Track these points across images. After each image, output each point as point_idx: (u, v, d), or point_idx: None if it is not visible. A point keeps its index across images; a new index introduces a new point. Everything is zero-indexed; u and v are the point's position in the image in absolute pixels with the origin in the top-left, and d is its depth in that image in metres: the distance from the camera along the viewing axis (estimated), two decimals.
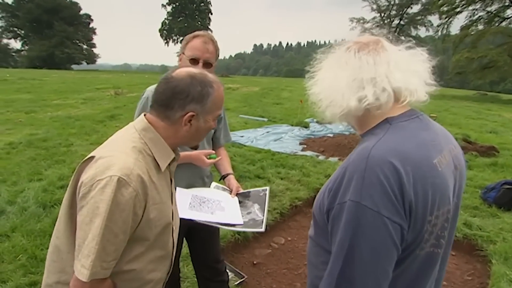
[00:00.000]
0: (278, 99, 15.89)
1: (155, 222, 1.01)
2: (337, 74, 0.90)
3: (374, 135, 0.86)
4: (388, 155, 0.77)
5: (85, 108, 10.48)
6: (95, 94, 14.14)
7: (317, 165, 5.52)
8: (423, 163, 0.80)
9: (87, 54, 56.64)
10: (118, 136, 1.07)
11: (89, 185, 0.92)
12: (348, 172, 0.80)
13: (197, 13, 55.24)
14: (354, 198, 0.76)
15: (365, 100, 0.85)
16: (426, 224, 0.79)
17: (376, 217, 0.74)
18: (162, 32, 55.35)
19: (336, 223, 0.80)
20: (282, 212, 3.78)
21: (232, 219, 1.66)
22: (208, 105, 1.06)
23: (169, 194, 1.12)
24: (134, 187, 0.92)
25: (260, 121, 9.75)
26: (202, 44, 1.70)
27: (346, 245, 0.76)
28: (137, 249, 1.01)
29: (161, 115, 1.05)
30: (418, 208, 0.77)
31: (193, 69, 1.08)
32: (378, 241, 0.75)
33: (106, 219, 0.89)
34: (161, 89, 1.05)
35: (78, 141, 6.39)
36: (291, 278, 2.82)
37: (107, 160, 0.94)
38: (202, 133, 1.12)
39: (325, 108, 0.94)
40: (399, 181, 0.75)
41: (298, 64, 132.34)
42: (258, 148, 6.54)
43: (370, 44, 0.90)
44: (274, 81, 34.20)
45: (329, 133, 8.13)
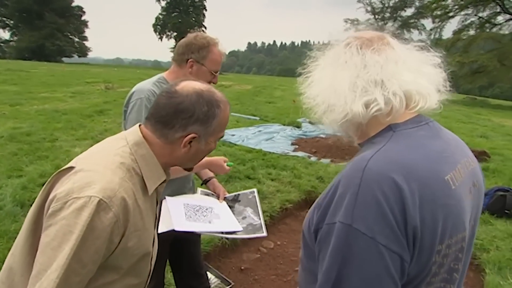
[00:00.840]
0: (270, 98, 15.79)
1: (132, 251, 0.88)
2: (336, 74, 0.77)
3: (374, 144, 0.73)
4: (388, 169, 0.64)
5: (74, 102, 10.19)
6: (85, 88, 13.82)
7: (308, 166, 5.42)
8: (432, 180, 0.67)
9: (78, 47, 55.72)
10: (106, 147, 0.94)
11: (62, 201, 0.78)
12: (341, 187, 0.67)
13: (192, 9, 54.87)
14: (345, 219, 0.63)
15: (373, 105, 0.72)
16: (435, 255, 0.66)
17: (370, 244, 0.61)
18: (156, 27, 54.88)
19: (323, 246, 0.67)
20: (272, 215, 3.68)
21: (231, 226, 1.56)
22: (212, 127, 0.96)
23: (153, 219, 1.01)
24: (115, 212, 0.80)
25: (252, 119, 9.63)
26: (221, 56, 1.64)
27: (332, 275, 0.64)
28: (107, 277, 0.88)
29: (157, 132, 0.93)
30: (425, 236, 0.63)
31: (200, 85, 0.96)
32: (371, 273, 0.61)
33: (76, 247, 0.75)
34: (162, 103, 0.93)
35: (64, 136, 6.17)
36: (280, 285, 2.72)
37: (88, 175, 0.82)
38: (200, 155, 1.02)
39: (322, 114, 0.81)
40: (401, 201, 0.62)
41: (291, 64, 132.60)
42: (249, 147, 6.41)
43: (374, 40, 0.77)
44: (267, 79, 34.12)
45: (322, 134, 8.04)
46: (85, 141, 5.90)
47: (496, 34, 27.61)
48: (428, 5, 31.23)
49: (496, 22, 28.53)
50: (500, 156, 6.84)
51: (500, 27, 28.33)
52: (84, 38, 57.43)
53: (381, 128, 0.76)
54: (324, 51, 0.84)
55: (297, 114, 9.57)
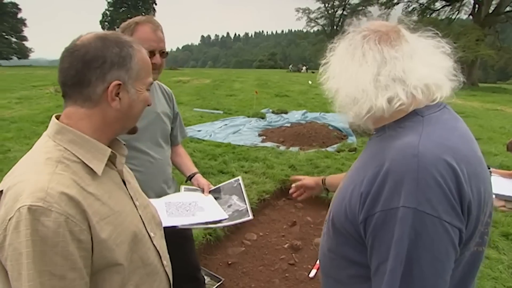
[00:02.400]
0: (230, 90, 15.72)
1: (113, 240, 0.80)
2: (357, 69, 0.79)
3: (405, 129, 0.77)
4: (439, 152, 0.69)
5: (21, 108, 9.43)
6: (32, 93, 12.80)
7: (279, 156, 5.51)
8: (472, 158, 0.73)
9: (17, 48, 51.26)
10: (30, 153, 0.83)
11: (2, 230, 0.70)
12: (393, 174, 0.70)
13: (141, 3, 52.73)
14: (409, 204, 0.67)
15: (396, 100, 0.76)
16: (479, 224, 0.73)
17: (437, 223, 0.66)
18: (103, 23, 52.09)
19: (382, 233, 0.70)
20: (251, 207, 3.70)
21: (216, 215, 1.56)
22: (134, 70, 0.85)
23: (126, 198, 0.92)
24: (58, 210, 0.70)
25: (216, 113, 9.56)
26: (153, 32, 1.50)
27: (403, 258, 0.67)
28: (113, 278, 0.82)
29: (78, 99, 0.82)
30: (473, 208, 0.70)
31: (101, 31, 0.87)
32: (441, 249, 0.67)
33: (36, 265, 0.68)
34: (66, 64, 0.82)
35: (17, 146, 5.71)
36: (268, 275, 2.77)
37: (15, 190, 0.73)
38: (137, 108, 0.89)
39: (345, 107, 0.82)
40: (456, 180, 0.68)
41: (247, 55, 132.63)
42: (218, 142, 6.39)
43: (391, 34, 0.81)
44: (224, 72, 33.83)
45: (286, 123, 8.19)
46: None
47: (435, 19, 29.56)
48: None
49: (434, 8, 30.69)
50: None
51: (438, 12, 30.48)
52: (23, 38, 52.88)
53: (404, 114, 0.80)
54: (340, 42, 0.86)
55: (260, 105, 9.65)
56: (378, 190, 0.71)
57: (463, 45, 22.89)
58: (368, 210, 0.72)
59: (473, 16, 27.49)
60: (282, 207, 4.00)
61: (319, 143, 6.40)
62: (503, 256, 2.87)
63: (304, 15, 53.28)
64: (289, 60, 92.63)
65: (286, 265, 2.88)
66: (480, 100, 15.47)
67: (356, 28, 0.85)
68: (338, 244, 0.86)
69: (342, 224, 0.81)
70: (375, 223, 0.71)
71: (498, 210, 3.65)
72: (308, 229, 3.46)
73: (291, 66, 51.01)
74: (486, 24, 25.83)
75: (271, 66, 78.96)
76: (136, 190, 1.00)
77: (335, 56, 0.86)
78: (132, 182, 1.00)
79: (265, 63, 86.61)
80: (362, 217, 0.74)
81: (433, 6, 30.70)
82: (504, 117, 10.84)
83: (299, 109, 10.09)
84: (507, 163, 4.92)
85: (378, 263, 0.72)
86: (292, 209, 3.92)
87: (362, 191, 0.75)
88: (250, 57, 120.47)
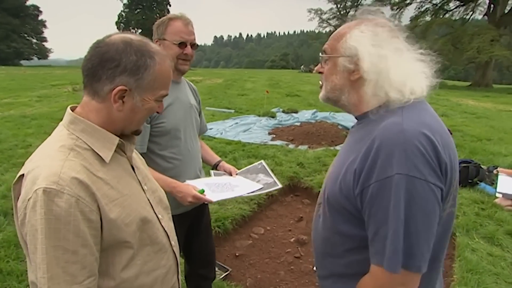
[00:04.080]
0: (242, 90, 15.85)
1: (122, 220, 0.88)
2: (386, 53, 0.91)
3: (389, 113, 0.88)
4: (419, 127, 0.82)
5: (41, 106, 9.79)
6: (51, 91, 13.23)
7: (288, 153, 5.60)
8: (443, 132, 0.86)
9: (37, 48, 52.82)
10: (47, 141, 0.91)
11: (22, 209, 0.80)
12: (384, 148, 0.81)
13: (155, 5, 53.43)
14: (401, 170, 0.78)
15: (411, 93, 0.89)
16: (452, 186, 0.85)
17: (425, 185, 0.78)
18: (119, 24, 52.91)
19: (378, 201, 0.82)
20: (259, 203, 3.82)
21: (252, 187, 1.74)
22: (145, 80, 0.88)
23: (135, 183, 0.98)
24: (69, 192, 0.78)
25: (227, 112, 9.70)
26: (185, 26, 1.62)
27: (402, 218, 0.78)
28: (124, 254, 0.90)
29: (90, 90, 0.89)
30: (448, 172, 0.82)
31: (131, 35, 0.91)
32: (429, 208, 0.80)
33: (50, 240, 0.77)
34: (89, 55, 0.88)
35: (37, 141, 5.94)
36: (274, 267, 2.87)
37: (33, 174, 0.81)
38: (139, 114, 0.93)
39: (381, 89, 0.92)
40: (435, 149, 0.80)
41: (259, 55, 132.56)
42: (228, 139, 6.51)
43: (395, 29, 0.95)
44: (236, 72, 34.03)
45: (296, 122, 8.27)
46: None
47: (448, 20, 29.15)
48: None
49: (448, 8, 30.16)
50: (459, 132, 7.37)
51: (451, 13, 30.00)
52: (43, 39, 54.54)
53: (382, 103, 0.93)
54: (359, 24, 0.96)
55: (271, 104, 9.71)
56: (371, 164, 0.82)
57: (477, 46, 22.50)
58: (363, 183, 0.84)
59: (488, 16, 26.93)
60: (289, 203, 4.09)
61: (328, 142, 6.46)
62: (506, 254, 2.91)
63: (316, 15, 53.03)
64: (301, 61, 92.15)
65: (292, 258, 2.97)
66: (494, 101, 15.23)
67: (370, 18, 0.97)
68: (333, 221, 0.97)
69: (338, 200, 0.92)
70: (371, 193, 0.82)
71: (504, 209, 3.70)
72: None
73: (303, 67, 50.81)
74: (501, 24, 25.32)
75: (283, 67, 78.89)
76: (145, 175, 1.06)
77: (358, 38, 0.94)
78: (141, 168, 1.07)
79: (277, 63, 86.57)
80: (358, 190, 0.85)
81: (446, 6, 30.18)
82: None
83: (310, 108, 10.15)
84: None
85: (377, 228, 0.83)
86: (299, 205, 4.02)
87: (356, 168, 0.85)
88: (262, 58, 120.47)
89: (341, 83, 0.98)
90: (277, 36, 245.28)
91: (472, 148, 5.99)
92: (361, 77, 0.93)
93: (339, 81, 0.98)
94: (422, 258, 0.81)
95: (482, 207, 3.77)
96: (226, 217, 3.34)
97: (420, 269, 0.81)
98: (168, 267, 1.05)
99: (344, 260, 0.97)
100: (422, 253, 0.80)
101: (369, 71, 0.90)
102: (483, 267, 2.67)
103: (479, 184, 4.37)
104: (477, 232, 3.21)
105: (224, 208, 3.50)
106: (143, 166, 1.11)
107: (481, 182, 4.39)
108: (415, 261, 0.80)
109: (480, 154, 5.66)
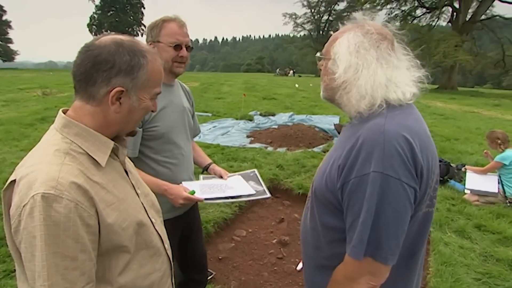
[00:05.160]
0: (219, 93, 15.83)
1: (119, 225, 0.87)
2: (362, 62, 0.95)
3: (375, 115, 0.93)
4: (399, 129, 0.87)
5: (8, 111, 9.35)
6: (19, 95, 12.67)
7: (267, 156, 5.65)
8: (423, 135, 0.92)
9: (2, 50, 50.27)
10: (38, 145, 0.89)
11: (17, 215, 0.77)
12: (365, 147, 0.87)
13: (129, 7, 52.32)
14: (378, 169, 0.84)
15: (394, 99, 0.94)
16: (428, 187, 0.91)
17: (398, 184, 0.84)
18: (91, 27, 51.41)
19: (355, 195, 0.87)
20: (240, 205, 3.83)
21: (244, 191, 1.73)
22: (140, 79, 0.88)
23: (128, 187, 0.98)
24: (68, 197, 0.77)
25: (205, 116, 9.66)
26: (180, 28, 1.59)
27: (372, 212, 0.84)
28: (121, 259, 0.89)
29: (84, 95, 0.87)
30: (424, 174, 0.88)
31: (121, 36, 0.91)
32: (400, 205, 0.85)
33: (49, 247, 0.74)
34: (79, 60, 0.86)
35: (5, 148, 5.70)
36: (257, 269, 2.89)
37: (28, 179, 0.78)
38: (136, 114, 0.93)
39: (361, 98, 0.96)
40: (412, 151, 0.85)
41: (234, 59, 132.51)
42: (207, 143, 6.50)
43: (387, 36, 0.99)
44: (212, 76, 33.87)
45: (274, 125, 8.36)
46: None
47: (416, 26, 30.51)
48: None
49: (415, 15, 31.73)
50: (430, 133, 7.66)
51: (419, 19, 31.54)
52: (8, 41, 51.97)
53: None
54: (345, 32, 1.01)
55: (248, 107, 9.77)
56: (353, 161, 0.88)
57: (443, 51, 23.66)
58: (345, 178, 0.89)
59: (452, 23, 28.49)
60: (270, 205, 4.13)
61: (305, 144, 6.58)
62: (475, 245, 3.09)
63: (291, 20, 53.96)
64: (276, 64, 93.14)
65: (275, 259, 3.01)
66: (459, 103, 16.05)
67: (357, 21, 1.02)
68: (319, 213, 1.02)
69: (324, 193, 0.98)
70: (350, 188, 0.88)
71: (472, 204, 3.91)
72: (295, 225, 3.60)
73: (278, 70, 51.34)
74: (463, 31, 26.78)
75: (259, 70, 79.23)
76: (138, 179, 1.06)
77: (343, 44, 0.99)
78: (134, 172, 1.06)
79: (252, 67, 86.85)
80: (340, 184, 0.91)
81: (414, 13, 31.73)
82: (480, 119, 11.31)
83: (286, 111, 10.31)
84: (481, 161, 5.20)
85: (352, 220, 0.89)
86: (280, 207, 4.07)
87: (340, 164, 0.92)
88: (237, 61, 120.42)
89: (332, 84, 1.02)
90: (252, 40, 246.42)
91: (441, 147, 6.29)
92: (340, 82, 0.98)
93: (330, 82, 1.03)
94: (390, 250, 0.86)
95: (453, 203, 3.99)
96: (208, 221, 3.34)
97: (387, 260, 0.87)
98: (163, 271, 1.05)
99: (326, 252, 1.03)
100: (390, 246, 0.86)
101: (344, 78, 0.97)
102: (455, 259, 2.82)
103: (449, 181, 4.60)
104: (449, 227, 3.39)
105: (206, 212, 3.49)
106: (134, 170, 1.10)
107: (451, 180, 4.63)
108: (382, 252, 0.86)
109: (449, 153, 5.96)
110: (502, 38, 28.04)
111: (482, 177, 4.28)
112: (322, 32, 52.47)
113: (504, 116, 12.12)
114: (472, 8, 27.09)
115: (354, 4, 38.40)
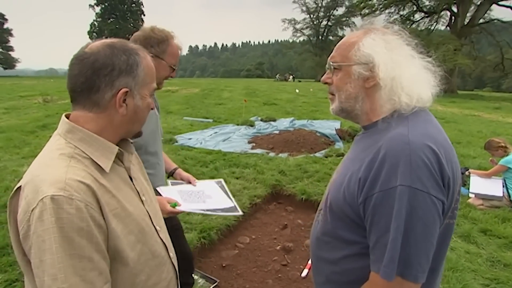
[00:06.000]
0: (219, 99, 15.86)
1: (121, 230, 0.84)
2: (393, 59, 0.92)
3: (395, 124, 0.90)
4: (425, 139, 0.83)
5: (9, 118, 9.36)
6: (20, 103, 12.70)
7: (269, 162, 5.63)
8: (446, 145, 0.88)
9: (3, 58, 50.73)
10: (43, 152, 0.88)
11: (25, 221, 0.74)
12: (389, 159, 0.82)
13: (129, 14, 52.81)
14: (405, 182, 0.79)
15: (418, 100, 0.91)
16: (454, 199, 0.87)
17: (427, 198, 0.80)
18: (92, 34, 51.78)
19: (381, 210, 0.83)
20: (243, 211, 3.80)
21: (223, 204, 1.69)
22: (140, 76, 0.89)
23: (133, 194, 0.95)
24: (77, 198, 0.75)
25: (206, 122, 9.66)
26: (179, 50, 1.62)
27: (402, 229, 0.80)
28: (121, 270, 0.86)
29: (87, 104, 0.86)
30: (451, 185, 0.84)
31: (109, 39, 0.90)
32: (429, 220, 0.81)
33: (65, 249, 0.72)
34: (75, 71, 0.84)
35: (7, 155, 5.68)
36: (262, 276, 2.86)
37: (34, 183, 0.77)
38: (141, 113, 0.94)
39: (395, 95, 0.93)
40: (439, 162, 0.82)
41: (234, 65, 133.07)
42: (208, 149, 6.47)
43: (403, 36, 0.98)
44: (212, 82, 34.01)
45: (275, 130, 8.34)
46: (33, 159, 5.47)
47: (415, 30, 30.69)
48: (356, 4, 33.66)
49: (414, 19, 31.96)
50: None
51: (417, 23, 31.70)
52: (9, 48, 52.47)
53: (389, 113, 0.95)
54: (370, 27, 1.01)
55: (249, 113, 9.78)
56: (376, 174, 0.83)
57: (442, 55, 23.75)
58: (367, 192, 0.85)
59: (450, 27, 28.66)
60: (273, 211, 4.10)
61: (307, 149, 6.55)
62: (481, 250, 3.05)
63: (290, 25, 54.23)
64: (276, 70, 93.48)
65: (279, 266, 2.97)
66: (460, 106, 16.05)
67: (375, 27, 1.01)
68: (334, 227, 0.98)
69: (341, 207, 0.93)
70: (374, 202, 0.83)
71: (477, 209, 3.88)
72: (299, 231, 3.57)
73: (278, 75, 51.50)
74: (462, 34, 26.95)
75: (258, 76, 79.59)
76: (143, 185, 1.04)
77: (375, 43, 0.96)
78: (140, 178, 1.04)
79: (252, 72, 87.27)
80: (362, 199, 0.86)
81: (412, 17, 31.95)
82: (481, 122, 11.30)
83: (287, 116, 10.30)
84: (484, 165, 5.17)
85: (378, 237, 0.84)
86: (283, 213, 4.03)
87: (361, 176, 0.86)
88: (237, 67, 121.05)
89: (356, 91, 0.98)
90: (252, 46, 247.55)
91: None
92: (376, 84, 0.94)
93: (354, 89, 0.98)
94: (420, 268, 0.82)
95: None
96: (211, 228, 3.31)
97: (417, 278, 0.82)
98: (169, 280, 1.02)
99: (339, 267, 0.99)
100: (420, 263, 0.81)
101: (385, 77, 0.92)
102: (462, 265, 2.79)
103: None
104: (454, 232, 3.34)
105: (209, 219, 3.46)
106: (142, 177, 1.08)
107: None
108: (412, 271, 0.81)
109: None
110: (501, 41, 28.22)
111: (487, 181, 4.25)
112: (321, 37, 52.67)
113: (505, 119, 12.11)
114: (470, 12, 27.30)
115: (352, 10, 38.68)
